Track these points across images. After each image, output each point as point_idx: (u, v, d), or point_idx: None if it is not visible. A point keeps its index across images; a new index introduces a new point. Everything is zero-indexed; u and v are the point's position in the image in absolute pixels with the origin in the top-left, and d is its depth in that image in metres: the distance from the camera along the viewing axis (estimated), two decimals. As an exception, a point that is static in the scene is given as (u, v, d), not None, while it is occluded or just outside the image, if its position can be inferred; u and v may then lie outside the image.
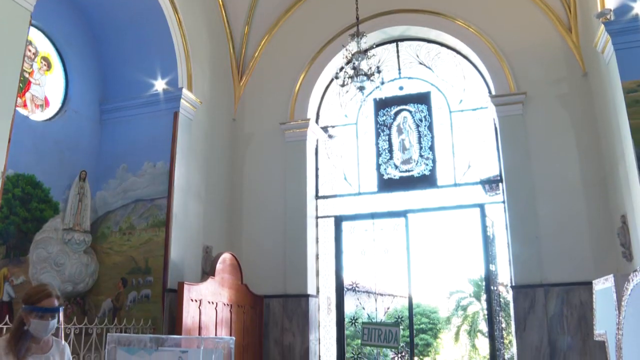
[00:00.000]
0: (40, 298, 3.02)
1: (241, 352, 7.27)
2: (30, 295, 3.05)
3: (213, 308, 6.89)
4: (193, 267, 7.47)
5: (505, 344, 8.27)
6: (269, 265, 8.23)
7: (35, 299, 3.02)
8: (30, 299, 3.02)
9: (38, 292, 3.06)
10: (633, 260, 6.17)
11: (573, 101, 7.50)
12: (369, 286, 8.26)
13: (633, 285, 2.58)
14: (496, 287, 7.92)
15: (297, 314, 7.97)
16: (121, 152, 7.57)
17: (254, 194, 8.65)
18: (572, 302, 6.90)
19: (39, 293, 3.05)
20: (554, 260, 7.07)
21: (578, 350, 6.75)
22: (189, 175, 7.57)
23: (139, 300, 6.95)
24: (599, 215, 7.03)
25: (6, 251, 6.24)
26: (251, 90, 9.12)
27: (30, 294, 3.06)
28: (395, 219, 8.17)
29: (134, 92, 7.66)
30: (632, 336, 2.61)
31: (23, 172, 6.48)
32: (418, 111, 8.45)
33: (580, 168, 7.27)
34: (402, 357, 9.05)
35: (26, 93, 6.82)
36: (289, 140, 8.65)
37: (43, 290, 3.07)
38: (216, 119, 8.49)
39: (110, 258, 7.27)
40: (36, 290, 3.09)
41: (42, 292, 3.05)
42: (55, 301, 3.05)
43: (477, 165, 8.12)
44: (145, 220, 7.22)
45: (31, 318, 2.98)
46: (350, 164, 8.86)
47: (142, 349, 3.20)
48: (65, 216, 7.01)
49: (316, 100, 8.99)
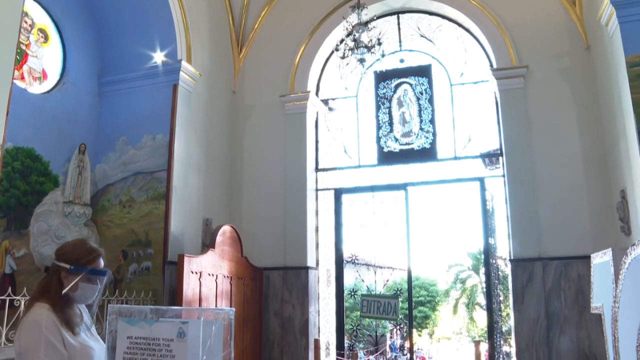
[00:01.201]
0: (93, 259, 2.70)
1: (241, 323, 7.35)
2: (80, 255, 2.67)
3: (213, 280, 6.95)
4: (193, 240, 7.51)
5: (503, 316, 8.35)
6: (269, 237, 8.27)
7: (88, 259, 2.68)
8: (81, 260, 2.65)
9: (90, 251, 2.71)
10: (631, 234, 6.19)
11: (575, 75, 7.45)
12: (369, 259, 8.30)
13: (631, 258, 2.59)
14: (495, 260, 7.98)
15: (297, 286, 8.03)
16: (121, 124, 7.54)
17: (254, 166, 8.65)
18: (569, 276, 6.95)
19: (91, 253, 2.70)
20: (552, 234, 7.10)
21: (575, 323, 6.82)
22: (189, 147, 7.56)
23: (140, 273, 7.00)
24: (598, 189, 7.04)
25: (7, 224, 6.26)
26: (251, 63, 9.06)
27: (79, 253, 2.67)
28: (395, 192, 8.18)
29: (133, 64, 7.60)
30: (628, 309, 2.62)
31: (22, 146, 6.46)
32: (419, 84, 8.39)
33: (581, 142, 7.26)
34: (401, 329, 9.17)
35: (23, 65, 6.76)
36: (289, 112, 8.61)
37: (94, 249, 2.74)
38: (216, 92, 8.45)
39: (110, 231, 7.30)
40: (86, 249, 2.72)
41: (95, 251, 2.72)
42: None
43: (478, 139, 8.10)
44: (145, 193, 7.23)
45: (80, 281, 2.63)
46: (350, 137, 8.84)
47: (143, 319, 3.22)
48: (65, 189, 7.02)
49: (316, 72, 8.93)
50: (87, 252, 2.70)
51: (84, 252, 2.69)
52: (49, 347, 2.43)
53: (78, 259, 2.65)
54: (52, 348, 2.44)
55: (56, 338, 2.48)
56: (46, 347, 2.42)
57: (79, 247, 2.72)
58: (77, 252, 2.67)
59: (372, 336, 8.45)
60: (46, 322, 2.47)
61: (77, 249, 2.71)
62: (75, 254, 2.66)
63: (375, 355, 8.45)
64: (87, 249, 2.72)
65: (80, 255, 2.66)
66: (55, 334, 2.48)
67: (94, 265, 2.69)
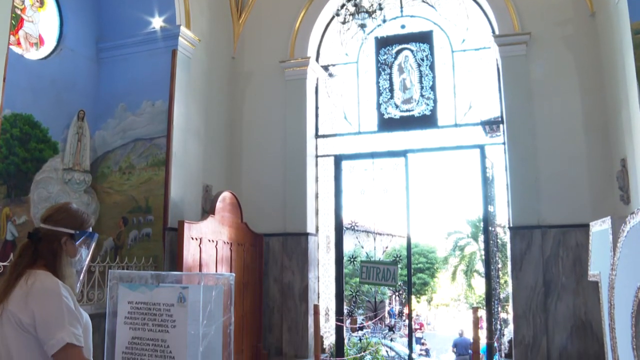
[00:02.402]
0: (88, 222, 2.62)
1: (241, 289, 7.42)
2: (83, 220, 2.60)
3: (213, 246, 6.99)
4: (193, 206, 7.53)
5: (501, 283, 8.43)
6: (269, 203, 8.29)
7: (89, 223, 2.62)
8: (84, 225, 2.59)
9: (87, 215, 2.63)
10: (630, 203, 6.20)
11: (578, 43, 7.36)
12: (368, 225, 8.33)
13: (630, 227, 2.60)
14: (494, 228, 8.01)
15: (297, 252, 8.09)
16: (119, 91, 7.49)
17: (254, 132, 8.62)
18: (568, 244, 6.99)
19: (88, 216, 2.63)
20: (552, 202, 7.12)
21: (572, 291, 6.89)
22: (188, 113, 7.53)
23: (140, 239, 7.04)
24: (598, 158, 7.03)
25: (7, 191, 6.27)
26: (250, 28, 8.95)
27: (82, 218, 2.60)
28: (395, 159, 8.15)
29: (131, 30, 7.50)
30: (625, 276, 2.65)
31: (20, 112, 6.43)
32: (420, 50, 8.30)
33: (583, 111, 7.21)
34: (400, 296, 9.25)
35: (19, 31, 6.67)
36: (288, 78, 8.55)
37: (84, 212, 2.64)
38: (215, 57, 8.37)
39: (110, 197, 7.31)
40: (83, 213, 2.63)
41: (86, 215, 2.63)
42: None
43: (478, 106, 8.05)
44: (144, 160, 7.22)
45: (79, 247, 2.58)
46: (350, 103, 8.79)
47: (144, 285, 3.25)
48: (65, 156, 7.01)
49: (316, 38, 8.83)
50: (86, 216, 2.63)
51: (84, 217, 2.61)
52: (71, 316, 2.35)
53: (82, 224, 2.58)
54: (74, 317, 2.37)
55: (75, 307, 2.41)
56: (69, 316, 2.34)
57: (77, 212, 2.62)
58: (79, 217, 2.59)
59: (371, 302, 8.54)
60: (64, 291, 2.39)
61: (77, 213, 2.61)
62: (79, 219, 2.58)
63: (374, 321, 8.55)
64: (84, 213, 2.64)
65: (83, 220, 2.59)
66: (74, 303, 2.42)
67: (89, 228, 2.63)
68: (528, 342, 6.93)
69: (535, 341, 6.90)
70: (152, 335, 3.12)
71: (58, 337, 2.26)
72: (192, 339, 3.04)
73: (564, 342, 6.82)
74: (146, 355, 3.10)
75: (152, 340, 3.11)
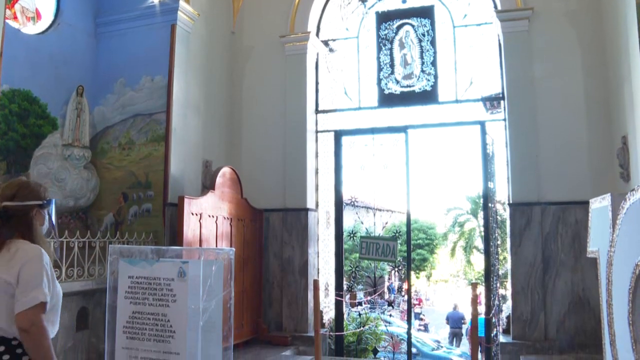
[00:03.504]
0: (46, 191, 2.81)
1: (241, 264, 7.46)
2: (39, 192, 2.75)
3: (213, 222, 7.01)
4: (193, 181, 7.53)
5: (500, 260, 8.47)
6: (269, 179, 8.29)
7: (47, 194, 2.80)
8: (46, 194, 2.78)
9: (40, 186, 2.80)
10: (630, 180, 6.20)
11: (581, 18, 7.28)
12: (368, 201, 8.33)
13: (629, 204, 2.60)
14: (494, 204, 8.02)
15: (297, 227, 8.11)
16: (118, 66, 7.44)
17: (254, 108, 8.59)
18: (567, 221, 7.01)
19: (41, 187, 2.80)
20: (552, 179, 7.12)
21: (570, 267, 6.92)
22: (188, 89, 7.48)
23: (140, 215, 7.06)
24: (599, 135, 7.01)
25: (7, 167, 6.27)
26: (250, 3, 8.85)
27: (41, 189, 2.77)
28: (395, 135, 8.11)
29: (130, 4, 7.42)
30: (623, 253, 2.66)
31: (19, 88, 6.39)
32: (421, 25, 8.22)
33: (584, 87, 7.17)
34: (399, 271, 9.30)
35: (15, 4, 6.60)
36: (289, 53, 8.48)
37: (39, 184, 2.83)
38: (215, 32, 8.29)
39: (110, 173, 7.31)
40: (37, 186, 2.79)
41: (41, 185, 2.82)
42: None
43: (479, 82, 8.00)
44: (144, 135, 7.20)
45: (45, 216, 2.80)
46: (350, 79, 8.74)
47: (144, 260, 3.27)
48: (64, 132, 6.99)
49: (317, 12, 8.74)
50: (41, 186, 2.80)
51: (42, 188, 2.79)
52: (49, 280, 2.59)
53: (44, 194, 2.77)
54: (52, 282, 2.61)
55: (52, 274, 2.65)
56: (47, 280, 2.57)
57: (36, 185, 2.80)
58: (39, 189, 2.77)
59: (370, 278, 8.59)
60: (46, 258, 2.61)
61: (37, 186, 2.79)
62: (40, 191, 2.77)
63: (374, 296, 8.61)
64: (40, 184, 2.82)
65: (43, 190, 2.78)
66: (51, 274, 2.64)
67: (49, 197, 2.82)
68: (526, 318, 6.98)
69: (534, 317, 6.96)
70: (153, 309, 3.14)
71: (33, 294, 2.47)
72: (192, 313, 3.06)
73: (562, 318, 6.88)
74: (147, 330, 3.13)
75: (152, 314, 3.14)
